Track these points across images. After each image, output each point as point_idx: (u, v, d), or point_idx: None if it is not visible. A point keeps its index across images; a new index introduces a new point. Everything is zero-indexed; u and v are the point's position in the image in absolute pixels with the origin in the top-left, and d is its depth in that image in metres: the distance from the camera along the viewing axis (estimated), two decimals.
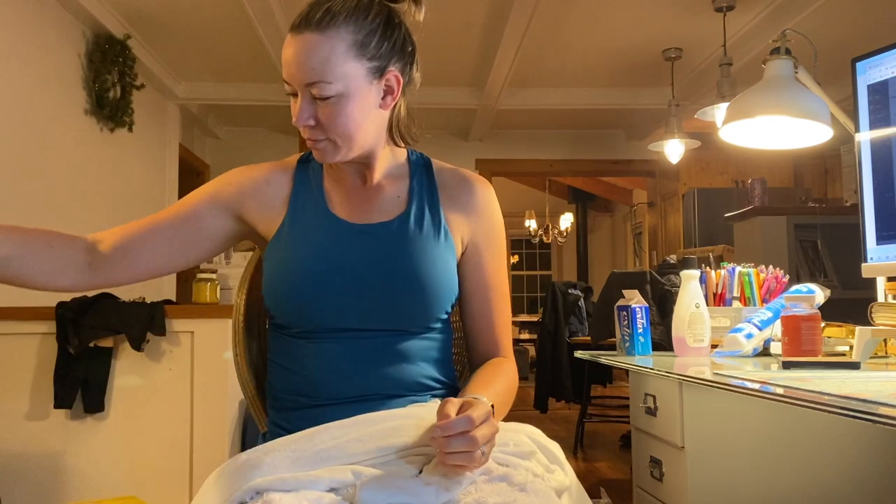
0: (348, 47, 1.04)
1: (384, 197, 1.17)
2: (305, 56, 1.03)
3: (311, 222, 1.14)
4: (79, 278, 1.11)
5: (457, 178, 1.21)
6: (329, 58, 1.03)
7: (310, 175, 1.19)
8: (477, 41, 4.50)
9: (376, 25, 1.07)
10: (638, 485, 1.82)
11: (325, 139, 1.08)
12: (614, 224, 11.07)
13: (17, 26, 3.29)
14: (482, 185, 1.22)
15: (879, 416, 0.80)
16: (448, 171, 1.22)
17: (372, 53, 1.06)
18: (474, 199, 1.20)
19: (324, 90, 1.04)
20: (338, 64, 1.04)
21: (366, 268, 1.10)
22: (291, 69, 1.05)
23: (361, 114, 1.08)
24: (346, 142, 1.09)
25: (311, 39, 1.03)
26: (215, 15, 4.03)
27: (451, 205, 1.18)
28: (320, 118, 1.06)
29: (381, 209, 1.16)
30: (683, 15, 4.10)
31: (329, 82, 1.04)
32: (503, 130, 6.46)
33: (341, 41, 1.04)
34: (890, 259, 1.49)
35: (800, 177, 6.10)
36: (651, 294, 3.17)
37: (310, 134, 1.09)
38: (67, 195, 3.71)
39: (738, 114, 2.00)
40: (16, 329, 2.50)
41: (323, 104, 1.05)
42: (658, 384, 1.69)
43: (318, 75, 1.03)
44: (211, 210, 1.16)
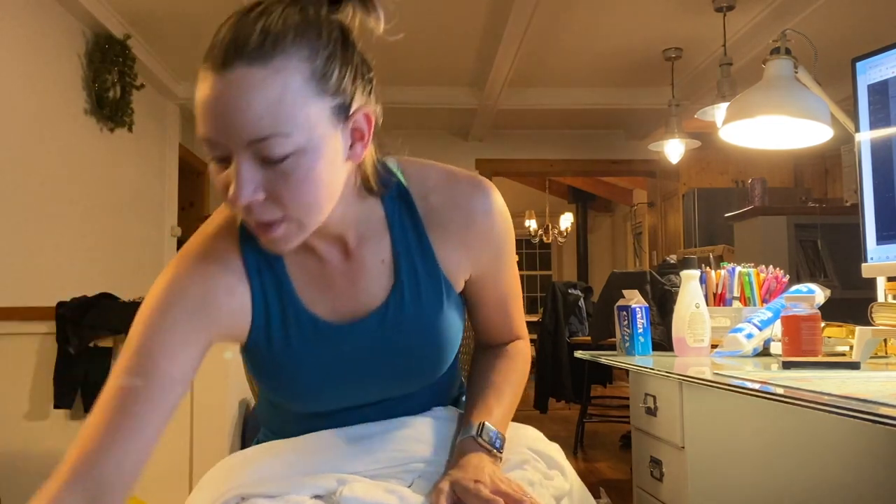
0: (306, 80, 0.76)
1: (366, 271, 0.91)
2: (246, 101, 0.73)
3: (291, 331, 0.91)
4: None
5: (449, 206, 0.93)
6: (283, 99, 0.74)
7: (265, 260, 0.90)
8: (477, 41, 4.50)
9: (333, 46, 0.79)
10: (638, 485, 1.82)
11: (282, 219, 0.79)
12: (614, 224, 11.07)
13: (17, 26, 3.29)
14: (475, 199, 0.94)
15: (879, 416, 0.80)
16: (436, 194, 0.93)
17: (335, 86, 0.78)
18: (469, 226, 0.93)
19: (278, 148, 0.74)
20: (295, 107, 0.75)
21: (367, 366, 0.94)
22: (220, 122, 0.74)
23: (330, 173, 0.79)
24: (313, 217, 0.81)
25: (250, 77, 0.73)
26: (215, 15, 4.00)
27: (447, 241, 0.93)
28: (274, 189, 0.76)
29: (367, 290, 0.92)
30: (683, 15, 4.09)
31: (286, 134, 0.74)
32: (503, 130, 6.46)
33: (295, 73, 0.75)
34: (890, 259, 1.49)
35: (800, 177, 6.10)
36: (651, 294, 3.17)
37: (259, 214, 0.78)
38: (67, 195, 3.71)
39: (739, 114, 2.00)
40: (16, 329, 2.50)
41: (275, 168, 0.76)
42: (658, 384, 1.69)
43: (270, 127, 0.74)
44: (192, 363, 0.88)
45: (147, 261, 4.78)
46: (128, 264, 4.43)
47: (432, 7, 3.99)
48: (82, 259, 3.83)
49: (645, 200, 7.62)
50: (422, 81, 5.28)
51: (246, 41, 0.74)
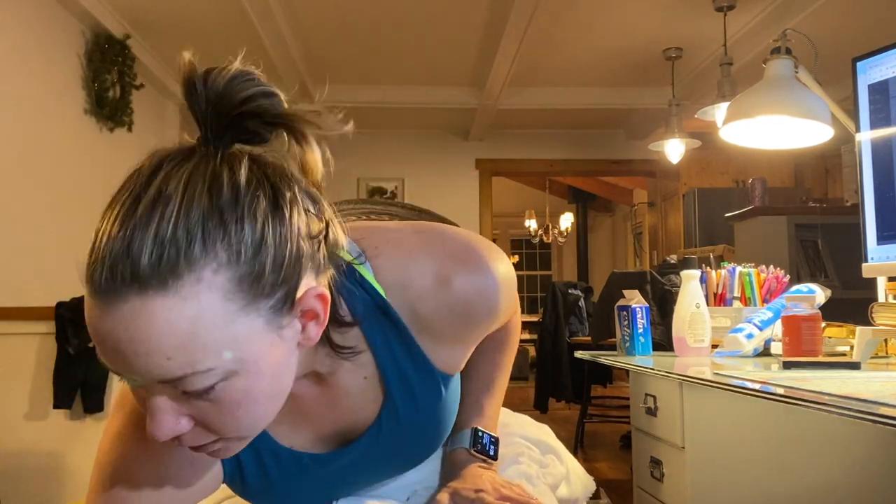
0: (226, 297, 0.57)
1: (347, 394, 0.77)
2: (146, 341, 0.56)
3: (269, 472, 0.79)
4: None
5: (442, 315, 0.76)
6: (196, 331, 0.56)
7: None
8: (477, 41, 4.50)
9: (262, 225, 0.59)
10: (638, 485, 1.82)
11: (216, 441, 0.65)
12: (614, 224, 11.06)
13: (16, 26, 3.29)
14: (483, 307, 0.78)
15: (879, 416, 0.80)
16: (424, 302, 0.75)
17: (270, 282, 0.59)
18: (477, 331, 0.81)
19: (198, 383, 0.58)
20: (216, 334, 0.57)
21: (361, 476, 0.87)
22: (120, 362, 0.58)
23: (274, 382, 0.63)
24: (256, 430, 0.67)
25: (149, 307, 0.55)
26: (215, 15, 4.02)
27: (441, 344, 0.78)
28: (202, 417, 0.62)
29: (351, 412, 0.79)
30: (684, 15, 4.09)
31: (206, 370, 0.58)
32: (503, 130, 6.45)
33: (210, 292, 0.56)
34: (890, 259, 1.49)
35: (800, 177, 6.09)
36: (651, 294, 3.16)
37: (187, 442, 0.64)
38: (66, 195, 3.71)
39: (739, 113, 2.00)
40: (16, 329, 2.50)
41: (199, 399, 0.60)
42: (658, 384, 1.68)
43: (183, 366, 0.57)
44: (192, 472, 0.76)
45: None
46: None
47: (432, 7, 3.99)
48: (82, 259, 3.82)
49: (645, 200, 7.62)
50: (422, 81, 5.28)
51: (137, 259, 0.55)
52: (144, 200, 0.57)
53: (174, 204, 0.56)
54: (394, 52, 4.67)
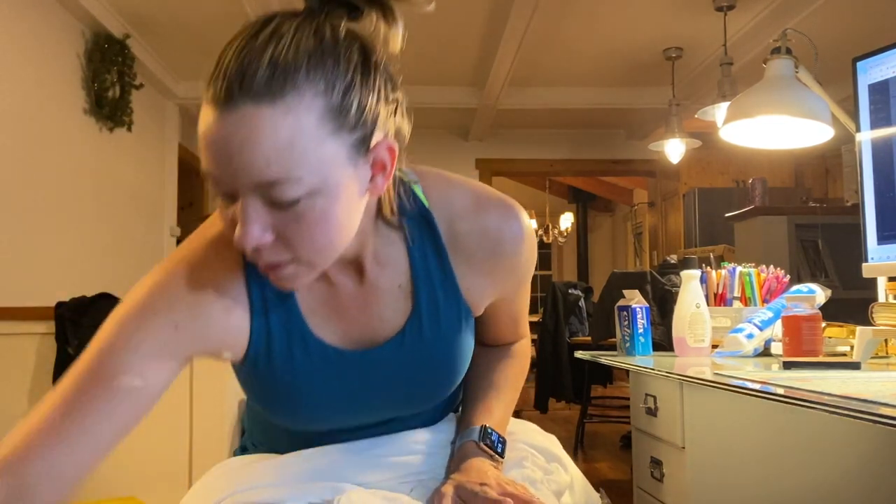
0: (320, 117, 0.68)
1: (382, 297, 0.85)
2: (253, 143, 0.66)
3: (293, 356, 0.84)
4: None
5: (476, 233, 0.86)
6: (294, 141, 0.67)
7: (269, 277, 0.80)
8: (477, 41, 4.50)
9: (353, 73, 0.71)
10: (638, 485, 1.82)
11: (290, 261, 0.73)
12: (614, 224, 11.07)
13: (16, 26, 3.29)
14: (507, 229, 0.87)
15: (879, 416, 0.80)
16: (463, 220, 0.86)
17: (354, 120, 0.70)
18: (503, 260, 0.88)
19: (289, 191, 0.68)
20: (309, 149, 0.68)
21: (377, 392, 0.89)
22: (225, 163, 0.67)
23: (346, 212, 0.73)
24: (325, 258, 0.75)
25: (258, 116, 0.66)
26: (215, 15, 4.02)
27: (471, 268, 0.87)
28: (284, 231, 0.71)
29: (382, 317, 0.86)
30: (684, 14, 4.09)
31: (297, 179, 0.68)
32: (503, 130, 6.45)
33: (308, 112, 0.67)
34: (891, 259, 1.49)
35: (800, 177, 6.09)
36: (651, 294, 3.16)
37: (266, 256, 0.72)
38: (66, 195, 3.71)
39: (739, 113, 2.00)
40: (15, 329, 2.50)
41: (286, 211, 0.69)
42: (658, 384, 1.68)
43: (279, 171, 0.67)
44: (165, 377, 0.81)
45: (147, 261, 4.78)
46: (127, 264, 4.43)
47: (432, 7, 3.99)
48: (82, 259, 3.83)
49: (645, 200, 7.62)
50: (422, 81, 5.28)
51: (253, 75, 0.66)
52: (262, 35, 0.69)
53: (287, 39, 0.68)
54: None
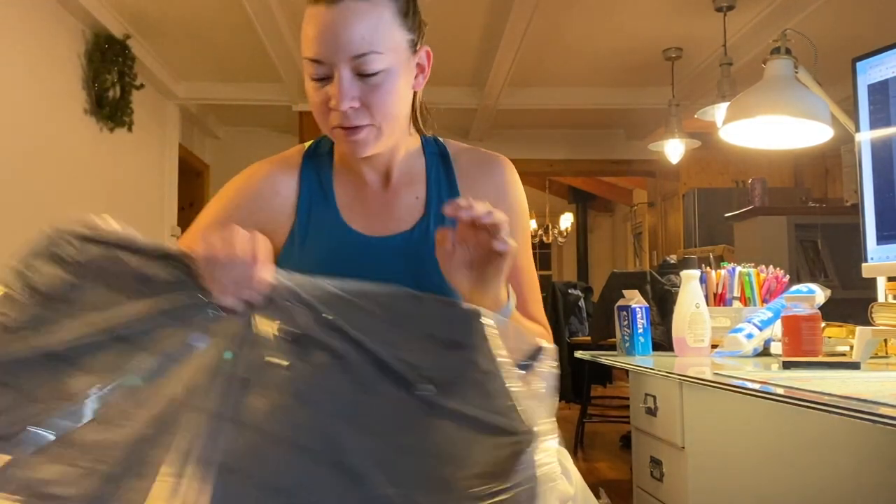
0: (394, 14, 0.96)
1: (401, 201, 1.08)
2: (352, 24, 0.92)
3: (325, 236, 1.05)
4: None
5: (475, 162, 1.12)
6: (378, 25, 0.94)
7: (318, 175, 1.09)
8: (477, 41, 4.50)
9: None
10: (638, 485, 1.82)
11: (368, 124, 0.97)
12: (614, 224, 11.06)
13: (17, 26, 3.29)
14: (501, 165, 1.13)
15: (879, 416, 0.80)
16: (466, 154, 1.14)
17: (411, 24, 0.99)
18: (494, 183, 1.10)
19: (373, 63, 0.93)
20: (387, 32, 0.95)
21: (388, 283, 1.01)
22: (330, 42, 0.93)
23: (405, 92, 1.00)
24: (390, 126, 0.99)
25: (355, 6, 0.93)
26: (215, 15, 4.02)
27: (472, 190, 1.09)
28: (366, 99, 0.95)
29: (399, 216, 1.07)
30: (683, 15, 4.09)
31: (380, 52, 0.94)
32: (503, 130, 6.45)
33: (387, 7, 0.95)
34: (890, 259, 1.49)
35: (800, 177, 6.09)
36: (651, 294, 3.17)
37: (351, 119, 0.96)
38: (67, 195, 3.71)
39: (739, 114, 2.00)
40: None
41: (368, 82, 0.94)
42: (658, 384, 1.69)
43: (369, 45, 0.93)
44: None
45: None
46: None
47: (432, 7, 3.98)
48: None
49: (645, 200, 7.62)
50: None
51: None
52: None
53: None
54: None
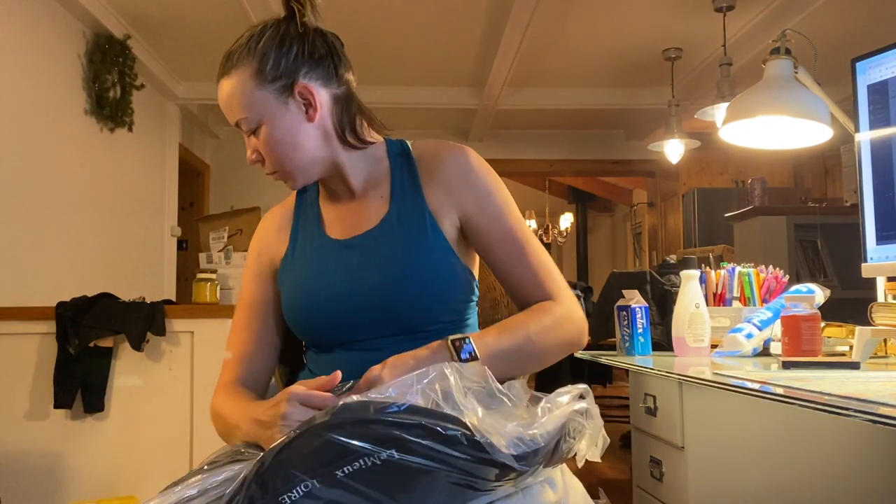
0: (250, 78, 1.10)
1: (369, 203, 1.17)
2: (225, 99, 1.12)
3: (308, 248, 1.19)
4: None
5: (434, 155, 1.18)
6: (237, 93, 1.11)
7: (307, 203, 1.24)
8: (477, 41, 4.50)
9: (268, 49, 1.11)
10: (638, 485, 1.82)
11: (273, 171, 1.15)
12: (614, 224, 11.07)
13: (17, 26, 3.29)
14: (456, 152, 1.17)
15: (879, 416, 0.80)
16: (426, 149, 1.20)
17: (272, 75, 1.10)
18: (454, 169, 1.15)
19: (249, 124, 1.12)
20: (249, 97, 1.10)
21: (355, 281, 1.11)
22: (224, 112, 1.15)
23: (289, 135, 1.12)
24: (290, 166, 1.14)
25: (224, 85, 1.12)
26: (215, 15, 4.02)
27: (433, 186, 1.15)
28: (262, 152, 1.13)
29: (367, 217, 1.16)
30: (683, 15, 4.09)
31: (246, 116, 1.11)
32: (503, 130, 6.46)
33: (242, 77, 1.11)
34: (890, 259, 1.49)
35: (800, 177, 6.10)
36: (651, 294, 3.16)
37: (265, 168, 1.16)
38: (67, 195, 3.71)
39: (738, 114, 2.00)
40: (16, 329, 2.50)
41: (256, 138, 1.13)
42: (658, 384, 1.69)
43: (238, 112, 1.11)
44: (267, 289, 1.22)
45: (147, 261, 4.78)
46: (128, 264, 4.43)
47: (432, 7, 3.99)
48: (82, 259, 3.83)
49: (645, 200, 7.62)
50: (422, 81, 5.28)
51: (223, 65, 1.13)
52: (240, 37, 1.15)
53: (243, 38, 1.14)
54: (394, 53, 4.67)
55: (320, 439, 0.81)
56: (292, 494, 0.79)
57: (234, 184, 6.16)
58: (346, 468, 0.80)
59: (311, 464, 0.80)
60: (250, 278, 1.24)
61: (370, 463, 0.80)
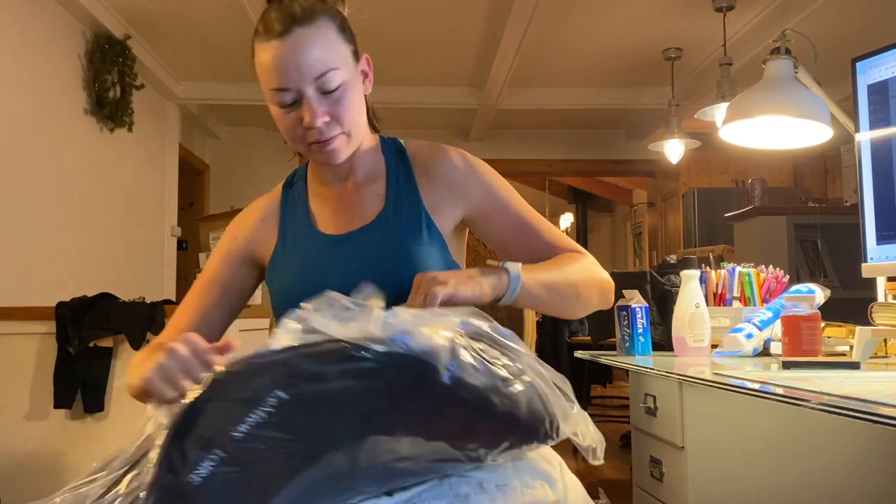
0: (336, 31, 1.06)
1: (364, 199, 1.16)
2: (308, 49, 1.02)
3: (299, 244, 1.16)
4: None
5: (428, 156, 1.19)
6: (328, 45, 1.04)
7: (295, 197, 1.21)
8: (477, 41, 4.50)
9: (339, 10, 1.10)
10: (638, 485, 1.82)
11: (340, 133, 1.07)
12: (614, 224, 11.06)
13: (17, 26, 3.29)
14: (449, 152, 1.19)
15: (879, 416, 0.80)
16: (421, 149, 1.21)
17: (350, 35, 1.09)
18: (448, 169, 1.17)
19: (333, 79, 1.04)
20: (336, 49, 1.05)
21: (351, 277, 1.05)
22: (292, 70, 1.02)
23: (360, 98, 1.10)
24: (357, 131, 1.10)
25: (305, 34, 1.02)
26: (215, 15, 4.02)
27: (430, 184, 1.16)
28: (333, 111, 1.06)
29: (361, 212, 1.15)
30: (683, 15, 4.09)
31: (336, 68, 1.04)
32: (503, 130, 6.45)
33: (330, 27, 1.05)
34: (890, 259, 1.49)
35: (800, 177, 6.10)
36: (651, 294, 3.16)
37: (324, 132, 1.06)
38: (67, 195, 3.71)
39: (738, 114, 2.00)
40: (16, 329, 2.50)
41: (331, 97, 1.05)
42: (658, 384, 1.69)
43: (325, 64, 1.03)
44: (233, 272, 1.19)
45: (147, 261, 4.78)
46: (128, 264, 4.43)
47: (432, 8, 3.99)
48: (82, 259, 3.83)
49: (645, 200, 7.62)
50: (422, 81, 5.28)
51: (293, 13, 1.03)
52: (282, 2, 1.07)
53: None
54: (394, 53, 4.67)
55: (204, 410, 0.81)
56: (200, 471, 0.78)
57: (234, 184, 6.15)
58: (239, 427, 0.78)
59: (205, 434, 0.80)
60: (217, 258, 1.21)
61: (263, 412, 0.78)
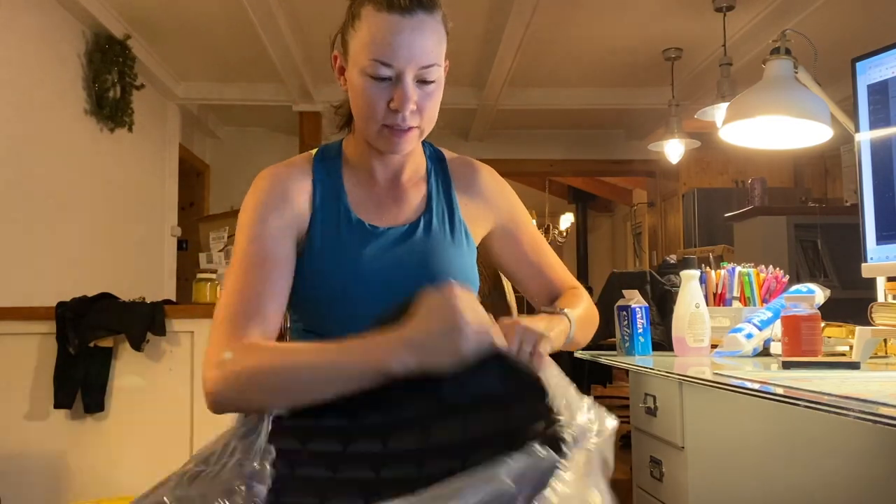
0: (443, 28, 1.06)
1: (407, 196, 1.16)
2: (424, 36, 1.02)
3: (337, 228, 1.10)
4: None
5: (465, 168, 1.22)
6: (439, 39, 1.05)
7: (329, 175, 1.14)
8: (477, 41, 4.50)
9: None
10: (638, 485, 1.82)
11: (416, 126, 1.07)
12: (614, 224, 11.06)
13: (17, 26, 3.29)
14: (484, 170, 1.24)
15: (879, 416, 0.80)
16: (455, 159, 1.24)
17: (447, 38, 1.08)
18: (483, 186, 1.21)
19: (433, 73, 1.04)
20: (441, 46, 1.06)
21: (396, 272, 1.08)
22: (404, 50, 1.01)
23: (440, 99, 1.10)
24: (428, 128, 1.10)
25: (426, 21, 1.02)
26: (215, 15, 4.02)
27: (466, 195, 1.19)
28: (421, 103, 1.05)
29: (405, 210, 1.15)
30: (683, 15, 4.09)
31: (439, 65, 1.05)
32: (503, 130, 6.45)
33: (441, 22, 1.05)
34: (890, 259, 1.49)
35: (800, 177, 6.09)
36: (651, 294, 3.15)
37: (409, 120, 1.05)
38: (67, 195, 3.71)
39: (738, 114, 2.00)
40: (16, 329, 2.50)
41: (424, 89, 1.05)
42: (658, 384, 1.69)
43: (432, 58, 1.03)
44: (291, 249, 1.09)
45: (147, 261, 4.78)
46: (128, 264, 4.43)
47: None
48: (83, 259, 3.83)
49: (645, 200, 7.62)
50: None
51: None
52: None
53: None
54: None
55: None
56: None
57: (234, 184, 6.14)
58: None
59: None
60: (271, 233, 1.06)
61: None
